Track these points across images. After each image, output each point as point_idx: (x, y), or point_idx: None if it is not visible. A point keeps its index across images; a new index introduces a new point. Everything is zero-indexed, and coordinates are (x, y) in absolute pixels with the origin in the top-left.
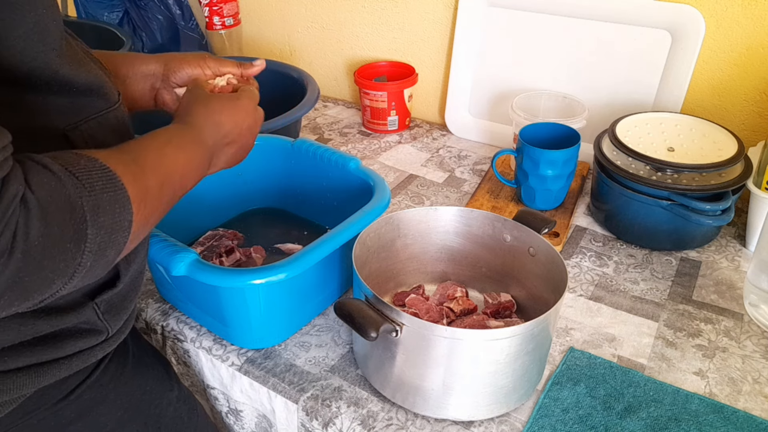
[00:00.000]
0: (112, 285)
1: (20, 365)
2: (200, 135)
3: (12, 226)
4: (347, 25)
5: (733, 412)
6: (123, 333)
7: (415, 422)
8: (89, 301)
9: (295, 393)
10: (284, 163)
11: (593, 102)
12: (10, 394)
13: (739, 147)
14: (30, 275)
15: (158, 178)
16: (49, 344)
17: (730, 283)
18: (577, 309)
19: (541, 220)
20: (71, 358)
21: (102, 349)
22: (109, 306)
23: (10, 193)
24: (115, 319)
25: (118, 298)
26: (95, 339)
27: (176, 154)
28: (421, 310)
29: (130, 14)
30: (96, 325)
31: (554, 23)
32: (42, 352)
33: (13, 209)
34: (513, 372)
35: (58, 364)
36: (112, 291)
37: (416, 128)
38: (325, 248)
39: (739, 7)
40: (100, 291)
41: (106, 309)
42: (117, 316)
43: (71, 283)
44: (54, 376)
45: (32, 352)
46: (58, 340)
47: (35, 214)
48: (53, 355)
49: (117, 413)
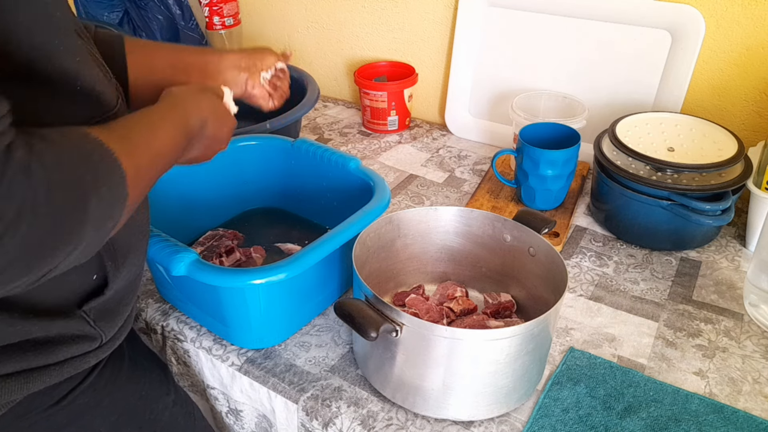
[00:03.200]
0: (100, 293)
1: (9, 371)
2: (187, 122)
3: (18, 195)
4: (347, 25)
5: (733, 412)
6: (118, 339)
7: (415, 422)
8: (76, 309)
9: (295, 393)
10: (284, 163)
11: (593, 102)
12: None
13: (739, 147)
14: (36, 244)
15: (148, 157)
16: (40, 350)
17: (730, 283)
18: (577, 309)
19: (541, 220)
20: (62, 365)
21: (95, 356)
22: (102, 313)
23: (15, 161)
24: (110, 326)
25: (112, 303)
26: (89, 345)
27: (164, 136)
28: (421, 310)
29: (130, 14)
30: (89, 332)
31: (554, 23)
32: (33, 358)
33: (19, 178)
34: (513, 372)
35: (49, 371)
36: (99, 299)
37: (416, 128)
38: (325, 248)
39: (739, 7)
40: (87, 299)
41: (97, 316)
42: (111, 323)
43: (73, 254)
44: (44, 382)
45: (23, 357)
46: (50, 346)
47: (41, 183)
48: (44, 361)
49: (111, 418)
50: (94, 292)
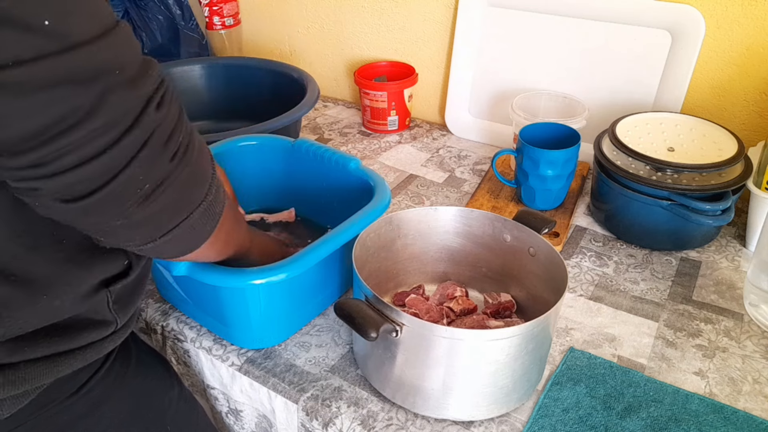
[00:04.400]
0: (125, 275)
1: (38, 355)
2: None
3: (186, 139)
4: (347, 25)
5: (733, 412)
6: (129, 327)
7: (415, 422)
8: (104, 288)
9: (295, 393)
10: (284, 163)
11: (593, 102)
12: (32, 382)
13: (739, 147)
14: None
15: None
16: (63, 335)
17: (730, 283)
18: (577, 309)
19: (541, 220)
20: (85, 349)
21: (112, 341)
22: (119, 297)
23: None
24: (123, 311)
25: (127, 290)
26: (105, 330)
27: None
28: (421, 310)
29: (130, 14)
30: (106, 315)
31: (554, 23)
32: (58, 343)
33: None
34: (513, 372)
35: (74, 354)
36: (125, 280)
37: (416, 128)
38: (325, 248)
39: (739, 7)
40: (114, 280)
41: (116, 299)
42: (125, 308)
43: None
44: (71, 366)
45: (48, 342)
46: (71, 331)
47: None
48: (68, 345)
49: (123, 410)
50: (119, 274)
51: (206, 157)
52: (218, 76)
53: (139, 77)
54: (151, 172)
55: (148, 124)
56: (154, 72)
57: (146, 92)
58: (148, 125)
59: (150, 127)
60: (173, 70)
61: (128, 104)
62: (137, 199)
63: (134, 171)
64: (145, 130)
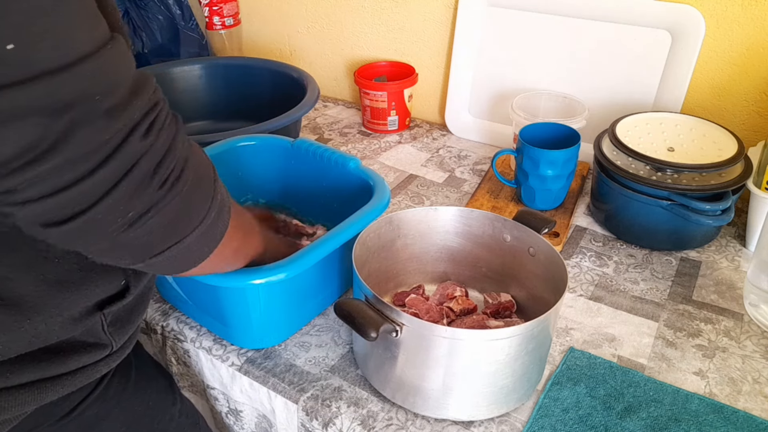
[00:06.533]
0: (121, 297)
1: (24, 381)
2: (263, 243)
3: (180, 164)
4: (347, 25)
5: (733, 412)
6: (127, 348)
7: (415, 422)
8: (98, 311)
9: (295, 393)
10: (284, 163)
11: (593, 102)
12: (13, 411)
13: (739, 147)
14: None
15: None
16: (53, 359)
17: (730, 283)
18: (577, 309)
19: (541, 220)
20: (74, 374)
21: (106, 365)
22: (115, 319)
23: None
24: (120, 333)
25: (125, 311)
26: (99, 353)
27: (254, 241)
28: (421, 310)
29: (130, 14)
30: (100, 338)
31: (554, 23)
32: (46, 367)
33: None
34: (513, 372)
35: (62, 380)
36: (120, 303)
37: (416, 128)
38: (325, 248)
39: (739, 7)
40: (109, 302)
41: (111, 321)
42: (122, 330)
43: (181, 244)
44: (57, 392)
45: (37, 367)
46: (62, 355)
47: (188, 172)
48: (57, 370)
49: (120, 429)
50: (115, 295)
51: (207, 180)
52: (218, 76)
53: (123, 105)
54: (133, 201)
55: (129, 155)
56: (144, 95)
57: (130, 121)
58: (130, 155)
59: (133, 156)
60: (173, 70)
61: (103, 136)
62: (120, 225)
63: (114, 200)
64: (126, 161)
